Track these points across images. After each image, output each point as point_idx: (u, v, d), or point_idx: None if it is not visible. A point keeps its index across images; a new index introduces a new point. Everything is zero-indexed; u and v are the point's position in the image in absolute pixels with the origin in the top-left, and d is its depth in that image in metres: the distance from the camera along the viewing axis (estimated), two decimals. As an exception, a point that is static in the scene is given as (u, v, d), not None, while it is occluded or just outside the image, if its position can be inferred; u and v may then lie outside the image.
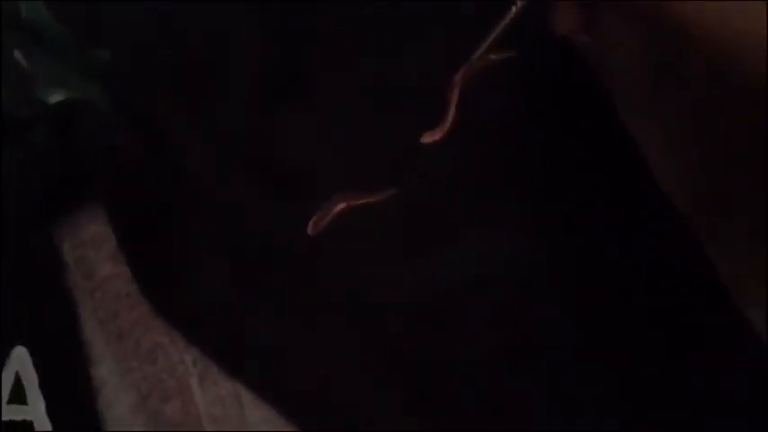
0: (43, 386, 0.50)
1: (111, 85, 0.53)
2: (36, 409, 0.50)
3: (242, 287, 0.51)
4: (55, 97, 0.52)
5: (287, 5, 0.56)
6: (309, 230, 0.52)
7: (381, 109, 0.54)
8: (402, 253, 0.51)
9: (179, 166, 0.53)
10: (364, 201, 0.52)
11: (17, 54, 0.52)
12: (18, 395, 0.50)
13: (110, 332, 0.52)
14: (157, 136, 0.53)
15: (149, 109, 0.53)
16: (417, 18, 0.56)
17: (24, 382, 0.50)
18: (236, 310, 0.51)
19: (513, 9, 0.50)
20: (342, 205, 0.52)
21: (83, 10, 0.54)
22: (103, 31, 0.54)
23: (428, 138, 0.53)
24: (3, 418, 0.49)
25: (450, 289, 0.50)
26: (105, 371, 0.51)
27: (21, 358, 0.50)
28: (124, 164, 0.52)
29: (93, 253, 0.53)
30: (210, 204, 0.52)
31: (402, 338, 0.49)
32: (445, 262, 0.51)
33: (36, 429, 0.49)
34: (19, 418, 0.49)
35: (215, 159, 0.53)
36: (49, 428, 0.49)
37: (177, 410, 0.51)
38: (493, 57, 0.53)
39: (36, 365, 0.50)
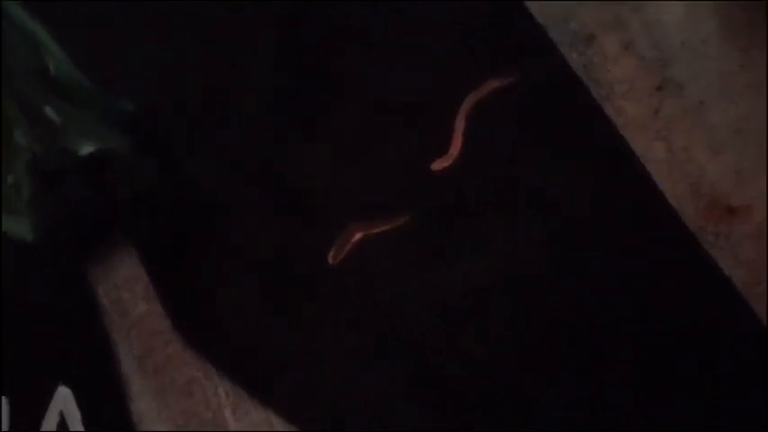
0: (86, 423, 0.52)
1: (135, 133, 0.56)
2: (80, 446, 0.52)
3: (269, 320, 0.53)
4: (85, 148, 0.55)
5: (299, 38, 0.59)
6: (330, 260, 0.54)
7: (393, 137, 0.57)
8: (418, 272, 0.53)
9: (204, 203, 0.55)
10: (379, 229, 0.54)
11: (48, 110, 0.55)
12: (63, 433, 0.53)
13: (146, 368, 0.54)
14: (181, 175, 0.56)
15: (172, 150, 0.56)
16: (424, 48, 0.58)
17: (68, 420, 0.53)
18: (265, 341, 0.53)
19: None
20: (359, 234, 0.54)
21: (105, 63, 0.57)
22: (124, 79, 0.57)
23: (438, 165, 0.55)
24: (50, 455, 0.52)
25: (467, 297, 0.53)
26: (144, 406, 0.54)
27: (64, 397, 0.53)
28: (152, 206, 0.55)
29: (127, 293, 0.56)
30: (236, 239, 0.55)
31: (435, 359, 0.52)
32: (457, 277, 0.53)
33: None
34: (64, 454, 0.52)
35: (237, 195, 0.55)
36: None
37: (213, 440, 0.53)
38: (497, 83, 0.55)
39: (78, 403, 0.53)
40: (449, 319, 0.53)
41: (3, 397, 0.53)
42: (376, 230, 0.54)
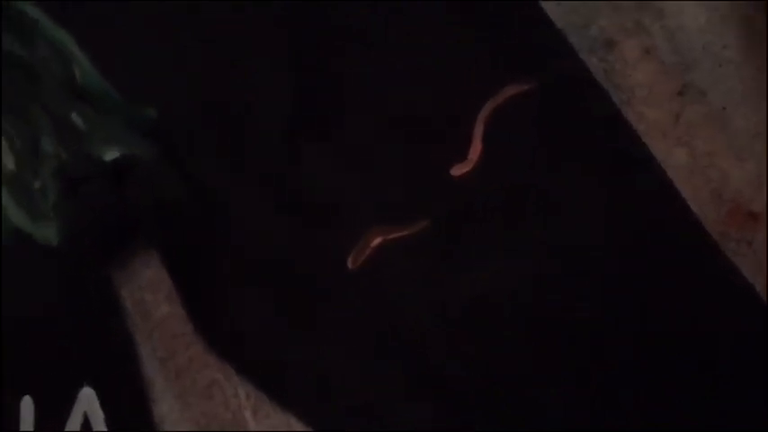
0: (109, 423, 0.53)
1: (158, 140, 0.57)
2: (103, 447, 0.53)
3: (286, 321, 0.54)
4: (110, 154, 0.56)
5: (314, 46, 0.60)
6: (349, 265, 0.55)
7: (409, 142, 0.57)
8: (434, 280, 0.54)
9: (222, 208, 0.56)
10: (398, 233, 0.55)
11: (74, 117, 0.57)
12: (86, 433, 0.54)
13: (168, 370, 0.55)
14: (201, 182, 0.57)
15: (194, 158, 0.57)
16: (442, 53, 0.59)
17: (92, 421, 0.54)
18: (282, 344, 0.54)
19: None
20: (378, 239, 0.55)
21: (129, 72, 0.59)
22: (148, 89, 0.59)
23: (457, 170, 0.55)
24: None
25: (481, 307, 0.53)
26: (166, 407, 0.55)
27: (88, 398, 0.54)
28: (173, 211, 0.56)
29: (150, 295, 0.57)
30: (254, 244, 0.55)
31: (441, 363, 0.52)
32: (474, 287, 0.53)
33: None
34: (87, 455, 0.53)
35: (255, 200, 0.56)
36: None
37: (234, 442, 0.54)
38: (515, 88, 0.55)
39: (102, 404, 0.54)
40: (460, 323, 0.53)
41: (27, 397, 0.54)
42: (395, 235, 0.55)
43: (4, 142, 0.56)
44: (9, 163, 0.56)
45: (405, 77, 0.58)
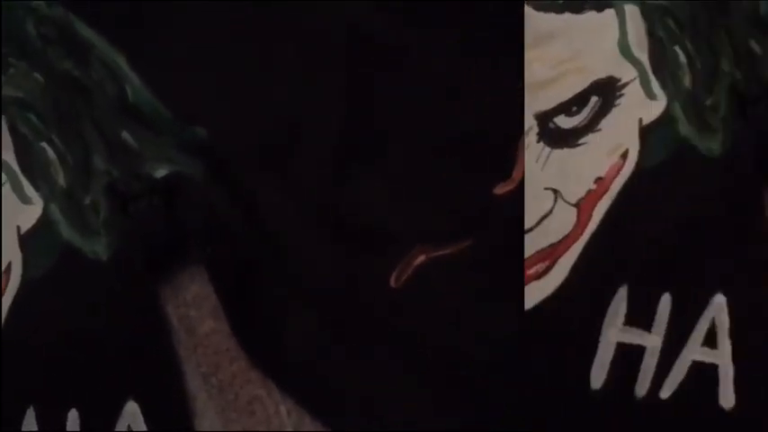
0: (152, 438, 0.54)
1: (208, 159, 0.58)
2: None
3: (329, 340, 0.54)
4: (159, 172, 0.58)
5: (358, 72, 0.60)
6: (392, 282, 0.55)
7: (453, 162, 0.57)
8: (478, 301, 0.54)
9: (270, 228, 0.57)
10: (442, 252, 0.55)
11: (125, 135, 0.58)
12: (130, 448, 0.54)
13: (211, 385, 0.56)
14: (249, 202, 0.57)
15: (242, 178, 0.58)
16: (485, 72, 0.59)
17: (135, 437, 0.54)
18: (325, 362, 0.54)
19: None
20: (421, 257, 0.55)
21: (180, 91, 0.60)
22: (199, 109, 0.59)
23: (501, 189, 0.55)
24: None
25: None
26: (207, 422, 0.55)
27: (132, 413, 0.55)
28: (222, 229, 0.57)
29: (194, 311, 0.57)
30: (299, 263, 0.56)
31: (483, 387, 0.52)
32: (519, 308, 0.53)
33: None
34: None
35: (302, 221, 0.57)
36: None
37: (274, 459, 0.54)
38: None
39: (145, 418, 0.54)
40: (504, 349, 0.52)
41: (74, 410, 0.54)
42: (439, 253, 0.55)
43: (56, 159, 0.58)
44: (60, 179, 0.58)
45: (446, 99, 0.58)
